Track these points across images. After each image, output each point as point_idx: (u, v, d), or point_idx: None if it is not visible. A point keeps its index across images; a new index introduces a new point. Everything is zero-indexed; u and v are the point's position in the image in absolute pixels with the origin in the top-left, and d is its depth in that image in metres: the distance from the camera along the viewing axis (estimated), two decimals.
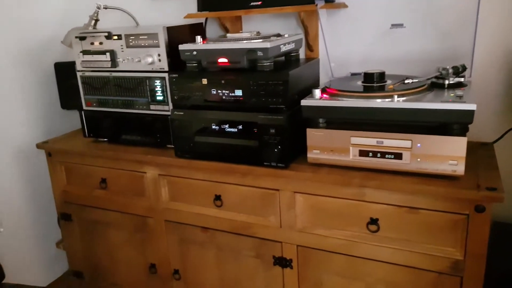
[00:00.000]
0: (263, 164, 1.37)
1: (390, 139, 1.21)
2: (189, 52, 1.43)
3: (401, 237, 1.25)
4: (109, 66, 1.64)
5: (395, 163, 1.22)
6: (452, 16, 1.47)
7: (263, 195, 1.42)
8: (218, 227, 1.54)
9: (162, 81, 1.57)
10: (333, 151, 1.29)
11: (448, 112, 1.11)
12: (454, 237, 1.19)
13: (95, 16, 1.90)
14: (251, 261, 1.53)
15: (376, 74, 1.31)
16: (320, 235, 1.37)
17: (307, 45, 1.68)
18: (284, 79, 1.30)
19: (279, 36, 1.45)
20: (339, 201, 1.31)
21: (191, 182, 1.55)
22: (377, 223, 1.27)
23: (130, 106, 1.67)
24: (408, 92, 1.21)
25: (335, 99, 1.27)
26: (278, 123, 1.32)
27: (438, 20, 1.49)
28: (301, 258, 1.43)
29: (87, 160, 1.75)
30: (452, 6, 1.46)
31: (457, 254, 1.20)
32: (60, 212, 1.93)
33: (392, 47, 1.57)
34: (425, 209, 1.20)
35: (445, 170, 1.16)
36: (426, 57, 1.53)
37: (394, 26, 1.50)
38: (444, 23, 1.49)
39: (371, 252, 1.30)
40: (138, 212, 1.70)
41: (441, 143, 1.15)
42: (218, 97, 1.41)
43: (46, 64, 2.13)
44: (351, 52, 1.64)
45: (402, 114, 1.17)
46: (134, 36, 1.58)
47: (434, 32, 1.50)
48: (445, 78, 1.28)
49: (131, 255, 1.80)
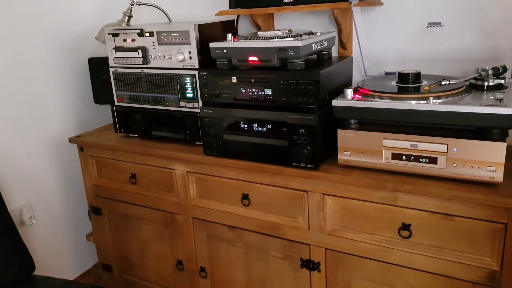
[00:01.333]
0: (292, 164, 1.38)
1: (424, 142, 1.18)
2: (219, 50, 1.44)
3: (435, 244, 1.23)
4: (141, 63, 1.68)
5: (429, 168, 1.19)
6: (494, 13, 1.42)
7: (292, 196, 1.42)
8: (246, 227, 1.56)
9: (192, 78, 1.59)
10: (365, 153, 1.28)
11: (487, 116, 1.08)
12: (491, 247, 1.16)
13: (129, 12, 1.94)
14: (278, 262, 1.54)
15: (411, 74, 1.29)
16: (349, 239, 1.36)
17: (340, 43, 1.66)
18: (315, 78, 1.29)
19: (311, 34, 1.44)
20: (370, 205, 1.30)
21: (219, 180, 1.57)
22: (409, 229, 1.25)
23: (161, 102, 1.70)
24: (444, 94, 1.18)
25: (367, 100, 1.25)
26: (309, 123, 1.32)
27: (479, 18, 1.44)
28: (330, 262, 1.42)
29: (117, 155, 1.80)
30: (494, 2, 1.41)
31: (493, 264, 1.16)
32: (91, 205, 1.99)
33: (430, 46, 1.53)
34: (460, 216, 1.18)
35: (483, 177, 1.13)
36: (466, 57, 1.49)
37: (431, 24, 1.46)
38: (485, 21, 1.44)
39: (403, 258, 1.28)
40: (166, 208, 1.74)
41: (479, 148, 1.11)
42: (247, 95, 1.42)
43: (81, 59, 2.21)
44: (386, 51, 1.62)
45: (438, 117, 1.14)
46: (165, 33, 1.60)
47: (475, 31, 1.46)
48: (484, 79, 1.24)
49: (159, 251, 1.85)
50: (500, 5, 1.40)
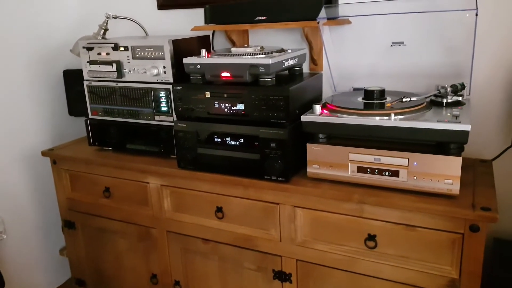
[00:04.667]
0: (264, 177, 1.46)
1: (387, 156, 1.29)
2: (193, 66, 1.53)
3: (399, 254, 1.33)
4: (115, 77, 1.75)
5: (392, 181, 1.30)
6: (455, 32, 1.54)
7: (264, 208, 1.51)
8: (220, 239, 1.64)
9: (167, 92, 1.67)
10: (333, 167, 1.38)
11: (443, 132, 1.19)
12: (451, 256, 1.26)
13: (104, 25, 2.02)
14: (252, 274, 1.61)
15: (376, 91, 1.40)
16: (319, 250, 1.45)
17: (311, 59, 1.77)
18: (285, 94, 1.39)
19: (282, 52, 1.54)
20: (338, 216, 1.39)
21: (194, 193, 1.64)
22: (375, 239, 1.35)
23: (135, 116, 1.77)
24: (405, 111, 1.30)
25: (334, 116, 1.36)
26: (279, 137, 1.41)
27: (442, 36, 1.57)
28: (301, 273, 1.51)
29: (91, 168, 1.86)
30: (456, 22, 1.53)
31: (453, 272, 1.27)
32: (64, 219, 2.04)
33: (396, 63, 1.65)
34: (422, 227, 1.28)
35: (441, 189, 1.24)
36: (430, 73, 1.61)
37: (394, 44, 1.58)
38: (447, 40, 1.56)
39: (370, 268, 1.38)
40: (141, 222, 1.81)
41: (437, 162, 1.22)
42: (221, 110, 1.51)
43: (55, 71, 2.27)
44: (355, 66, 1.73)
45: (399, 133, 1.25)
46: (140, 47, 1.69)
47: (438, 49, 1.58)
48: (443, 96, 1.36)
49: (134, 264, 1.90)
50: (461, 24, 1.52)
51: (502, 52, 1.51)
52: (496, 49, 1.51)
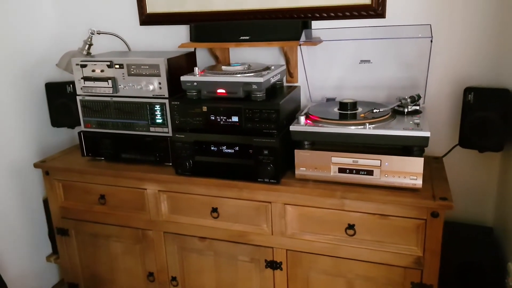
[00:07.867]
0: (258, 180, 1.73)
1: (363, 158, 1.60)
2: (190, 83, 1.76)
3: (375, 239, 1.65)
4: (111, 92, 1.94)
5: (367, 178, 1.61)
6: (412, 50, 1.88)
7: (257, 207, 1.78)
8: (215, 236, 1.88)
9: (162, 106, 1.89)
10: (317, 169, 1.67)
11: (408, 138, 1.52)
12: (416, 238, 1.59)
13: (89, 41, 2.19)
14: (245, 266, 1.88)
15: (349, 103, 1.70)
16: (307, 240, 1.74)
17: (288, 72, 2.05)
18: (275, 108, 1.66)
19: (267, 69, 1.81)
20: (323, 211, 1.69)
21: (190, 197, 1.88)
22: (354, 228, 1.66)
23: (130, 128, 1.97)
24: (376, 120, 1.61)
25: (317, 125, 1.65)
26: (271, 145, 1.68)
27: (401, 54, 1.90)
28: (290, 261, 1.79)
29: (85, 177, 2.03)
30: (412, 43, 1.87)
31: (418, 251, 1.60)
32: (56, 227, 2.18)
33: (363, 76, 1.98)
34: (393, 215, 1.60)
35: (408, 184, 1.57)
36: (391, 85, 1.95)
37: (362, 61, 1.90)
38: (405, 57, 1.90)
39: (350, 253, 1.69)
40: (137, 225, 2.01)
41: (403, 162, 1.55)
42: (216, 122, 1.76)
43: (37, 84, 2.38)
44: (326, 79, 2.04)
45: (372, 139, 1.57)
46: (135, 65, 1.89)
47: (398, 65, 1.92)
48: (404, 106, 1.69)
49: (130, 265, 2.10)
50: (417, 45, 1.86)
51: (448, 68, 1.87)
52: (444, 66, 1.87)
